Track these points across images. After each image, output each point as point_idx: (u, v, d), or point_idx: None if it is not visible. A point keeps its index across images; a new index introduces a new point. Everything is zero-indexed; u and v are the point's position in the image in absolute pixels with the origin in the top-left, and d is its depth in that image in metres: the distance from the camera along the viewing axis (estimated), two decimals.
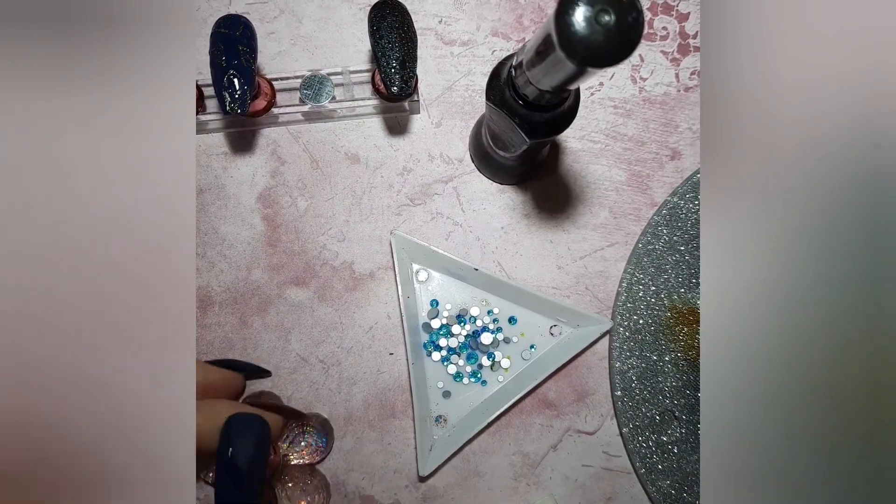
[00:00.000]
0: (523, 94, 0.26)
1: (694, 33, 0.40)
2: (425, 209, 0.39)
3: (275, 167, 0.39)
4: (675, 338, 0.38)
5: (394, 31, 0.33)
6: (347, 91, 0.38)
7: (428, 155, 0.40)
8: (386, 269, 0.39)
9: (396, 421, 0.39)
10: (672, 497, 0.37)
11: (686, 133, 0.40)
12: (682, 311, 0.38)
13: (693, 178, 0.38)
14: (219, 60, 0.33)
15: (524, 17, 0.40)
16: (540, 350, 0.39)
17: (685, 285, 0.38)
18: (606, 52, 0.20)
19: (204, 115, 0.38)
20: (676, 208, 0.38)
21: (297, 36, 0.40)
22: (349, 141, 0.40)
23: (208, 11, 0.40)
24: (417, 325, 0.38)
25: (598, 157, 0.40)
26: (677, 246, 0.38)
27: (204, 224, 0.39)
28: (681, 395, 0.38)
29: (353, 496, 0.38)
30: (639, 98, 0.40)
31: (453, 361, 0.38)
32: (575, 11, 0.19)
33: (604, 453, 0.39)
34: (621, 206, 0.40)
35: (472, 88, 0.40)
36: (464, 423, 0.38)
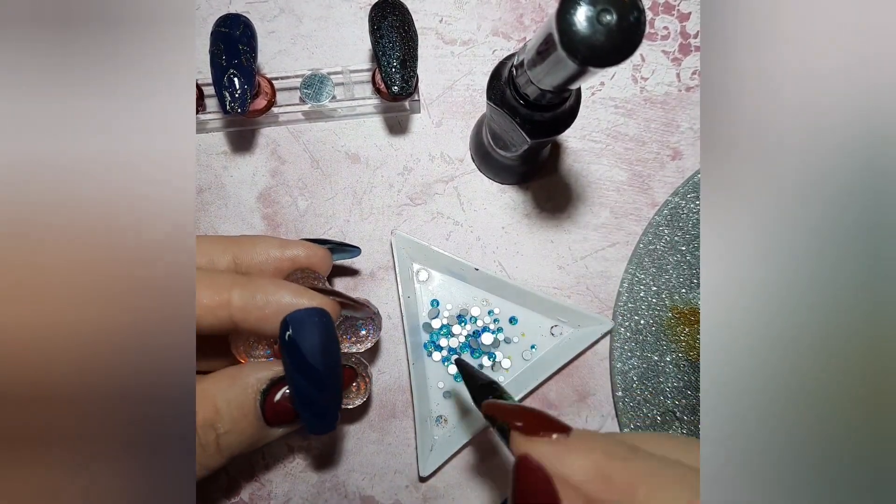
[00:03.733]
0: (524, 93, 0.26)
1: (695, 33, 0.40)
2: (426, 209, 0.39)
3: (275, 166, 0.39)
4: (677, 338, 0.38)
5: (394, 30, 0.33)
6: (348, 90, 0.38)
7: (428, 154, 0.40)
8: (386, 268, 0.39)
9: (397, 421, 0.39)
10: None
11: (687, 133, 0.40)
12: (684, 311, 0.38)
13: (694, 178, 0.38)
14: (219, 60, 0.33)
15: (525, 16, 0.40)
16: (541, 350, 0.38)
17: (686, 285, 0.38)
18: (608, 52, 0.20)
19: (204, 114, 0.38)
20: (678, 208, 0.38)
21: (298, 35, 0.40)
22: (349, 140, 0.40)
23: (208, 10, 0.40)
24: (418, 325, 0.38)
25: (599, 157, 0.40)
26: (678, 246, 0.38)
27: (204, 223, 0.39)
28: (682, 396, 0.38)
29: (354, 496, 0.38)
30: (640, 98, 0.40)
31: (454, 361, 0.38)
32: (576, 11, 0.19)
33: None
34: (622, 206, 0.39)
35: (473, 88, 0.40)
36: (464, 424, 0.38)
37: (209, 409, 0.25)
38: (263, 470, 0.38)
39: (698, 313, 0.38)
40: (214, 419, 0.25)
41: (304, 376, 0.25)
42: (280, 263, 0.30)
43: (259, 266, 0.30)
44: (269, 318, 0.26)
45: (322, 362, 0.25)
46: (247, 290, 0.26)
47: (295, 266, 0.30)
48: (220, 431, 0.26)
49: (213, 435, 0.25)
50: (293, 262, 0.30)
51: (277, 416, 0.27)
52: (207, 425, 0.25)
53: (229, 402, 0.26)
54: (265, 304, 0.26)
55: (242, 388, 0.26)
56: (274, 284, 0.26)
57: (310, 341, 0.25)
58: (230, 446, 0.26)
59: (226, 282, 0.26)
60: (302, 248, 0.30)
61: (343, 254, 0.34)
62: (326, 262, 0.31)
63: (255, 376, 0.26)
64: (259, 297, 0.26)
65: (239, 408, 0.26)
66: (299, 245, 0.30)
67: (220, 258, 0.29)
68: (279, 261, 0.30)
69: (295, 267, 0.30)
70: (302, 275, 0.31)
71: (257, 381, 0.26)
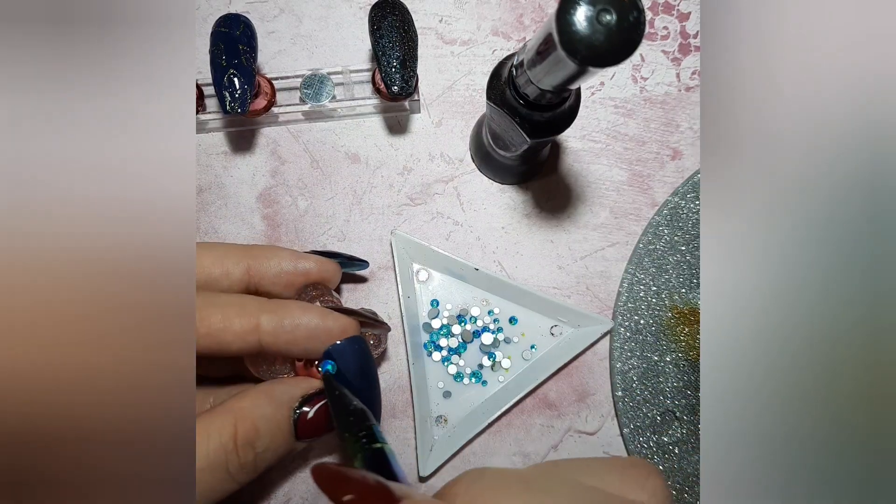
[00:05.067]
0: (524, 93, 0.26)
1: (695, 33, 0.40)
2: (426, 209, 0.39)
3: (275, 166, 0.39)
4: (677, 338, 0.38)
5: (394, 30, 0.33)
6: (348, 90, 0.38)
7: (428, 154, 0.40)
8: (386, 268, 0.39)
9: (397, 421, 0.39)
10: (672, 497, 0.37)
11: (687, 133, 0.40)
12: (684, 311, 0.38)
13: (694, 178, 0.38)
14: (219, 60, 0.33)
15: (525, 16, 0.40)
16: (540, 350, 0.38)
17: (686, 285, 0.38)
18: (608, 52, 0.20)
19: (204, 114, 0.38)
20: (677, 208, 0.38)
21: (298, 35, 0.40)
22: (349, 140, 0.40)
23: (208, 10, 0.40)
24: (418, 324, 0.38)
25: (598, 157, 0.40)
26: (678, 246, 0.38)
27: (204, 223, 0.39)
28: (682, 396, 0.38)
29: None
30: (640, 98, 0.40)
31: (454, 361, 0.38)
32: (576, 11, 0.19)
33: (604, 453, 0.39)
34: (622, 206, 0.39)
35: (473, 88, 0.40)
36: (464, 424, 0.38)
37: (249, 428, 0.26)
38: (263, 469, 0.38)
39: (698, 313, 0.38)
40: (254, 438, 0.26)
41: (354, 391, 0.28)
42: (293, 278, 0.31)
43: (272, 279, 0.31)
44: (299, 342, 0.28)
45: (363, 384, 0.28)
46: (276, 315, 0.27)
47: (307, 280, 0.31)
48: (259, 450, 0.26)
49: (252, 454, 0.26)
50: (306, 276, 0.31)
51: (309, 431, 0.28)
52: (248, 444, 0.26)
53: (268, 421, 0.27)
54: (294, 328, 0.27)
55: (278, 406, 0.27)
56: (300, 308, 0.28)
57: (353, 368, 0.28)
58: (265, 462, 0.27)
59: (254, 307, 0.27)
60: (313, 263, 0.31)
61: (352, 266, 0.36)
62: (337, 276, 0.33)
63: (289, 394, 0.28)
64: (287, 322, 0.27)
65: (276, 426, 0.27)
66: (311, 259, 0.31)
67: (235, 268, 0.30)
68: (292, 275, 0.31)
69: (307, 281, 0.31)
70: (315, 291, 0.32)
71: (290, 398, 0.28)
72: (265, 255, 0.31)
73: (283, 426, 0.27)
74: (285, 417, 0.27)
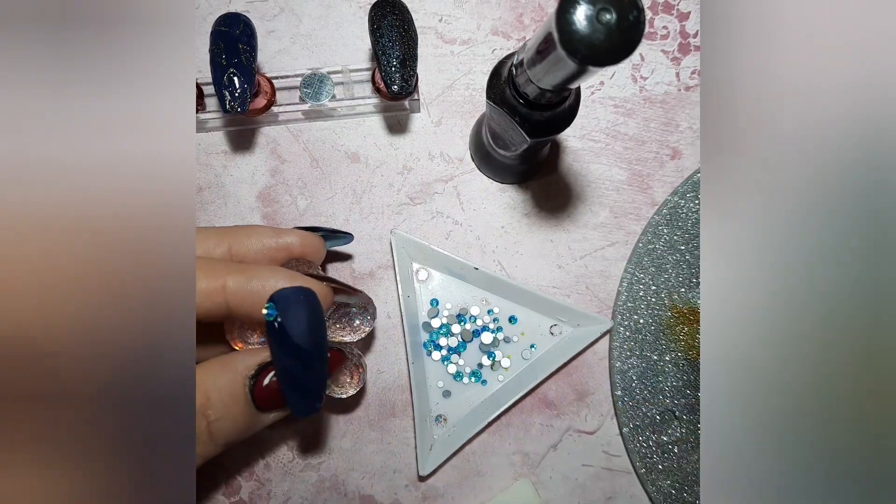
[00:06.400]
0: (524, 92, 0.26)
1: (694, 32, 0.40)
2: (425, 208, 0.39)
3: (275, 166, 0.39)
4: (676, 337, 0.38)
5: (394, 29, 0.33)
6: (347, 90, 0.38)
7: (428, 154, 0.40)
8: (386, 268, 0.39)
9: (396, 420, 0.39)
10: (672, 497, 0.37)
11: (687, 132, 0.40)
12: (683, 310, 0.38)
13: (694, 178, 0.38)
14: (219, 59, 0.33)
15: (524, 15, 0.40)
16: (540, 349, 0.38)
17: (686, 285, 0.38)
18: (607, 51, 0.20)
19: (204, 113, 0.38)
20: (677, 208, 0.38)
21: (297, 34, 0.40)
22: (349, 140, 0.40)
23: (208, 10, 0.40)
24: (417, 324, 0.38)
25: (598, 157, 0.40)
26: (678, 245, 0.38)
27: (204, 222, 0.39)
28: (681, 395, 0.38)
29: (353, 496, 0.38)
30: (639, 97, 0.40)
31: (453, 361, 0.38)
32: (576, 10, 0.19)
33: (604, 453, 0.39)
34: (622, 206, 0.39)
35: (473, 87, 0.40)
36: (464, 423, 0.38)
37: (200, 396, 0.25)
38: (263, 469, 0.38)
39: (697, 313, 0.38)
40: (205, 406, 0.26)
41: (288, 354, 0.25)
42: (274, 252, 0.30)
43: (254, 256, 0.30)
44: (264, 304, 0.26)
45: (307, 341, 0.25)
46: (242, 275, 0.26)
47: (289, 255, 0.31)
48: (212, 419, 0.26)
49: (205, 423, 0.26)
50: (287, 250, 0.31)
51: (267, 401, 0.27)
52: (199, 413, 0.25)
53: (220, 390, 0.26)
54: (260, 289, 0.26)
55: (232, 375, 0.26)
56: (269, 270, 0.27)
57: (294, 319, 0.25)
58: (223, 433, 0.26)
59: (221, 268, 0.26)
60: (295, 237, 0.31)
61: (336, 240, 0.35)
62: (320, 249, 0.32)
63: (244, 363, 0.27)
64: (254, 282, 0.26)
65: (230, 394, 0.26)
66: (293, 233, 0.31)
67: (216, 249, 0.30)
68: (273, 250, 0.30)
69: (289, 256, 0.31)
70: (297, 264, 0.31)
71: (246, 367, 0.27)
72: (245, 233, 0.30)
73: (238, 395, 0.26)
74: (240, 386, 0.26)
